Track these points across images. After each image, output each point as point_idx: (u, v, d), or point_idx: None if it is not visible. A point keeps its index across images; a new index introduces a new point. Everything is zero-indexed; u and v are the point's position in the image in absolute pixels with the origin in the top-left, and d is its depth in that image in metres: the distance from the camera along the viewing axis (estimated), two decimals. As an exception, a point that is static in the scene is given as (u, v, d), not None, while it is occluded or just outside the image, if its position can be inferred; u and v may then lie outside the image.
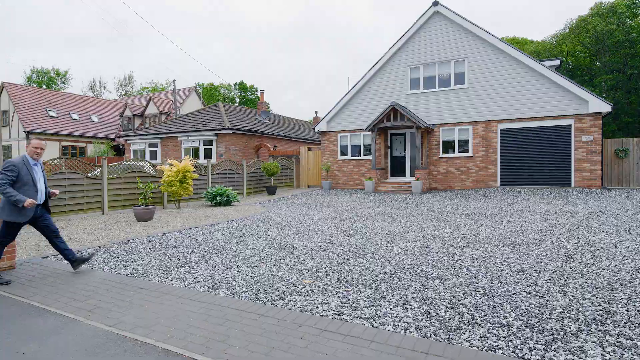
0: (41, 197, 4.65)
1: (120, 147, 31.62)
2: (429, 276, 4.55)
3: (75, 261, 4.91)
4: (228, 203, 13.01)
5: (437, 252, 5.73)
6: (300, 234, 7.35)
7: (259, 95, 26.72)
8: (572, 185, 13.99)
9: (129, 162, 12.01)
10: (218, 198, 12.82)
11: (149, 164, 12.42)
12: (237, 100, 60.22)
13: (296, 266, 5.10)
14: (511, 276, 4.49)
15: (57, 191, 5.03)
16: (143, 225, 8.71)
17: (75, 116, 31.59)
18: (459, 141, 16.04)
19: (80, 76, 78.19)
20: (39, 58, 72.68)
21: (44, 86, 48.37)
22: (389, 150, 17.85)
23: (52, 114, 30.01)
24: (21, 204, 4.27)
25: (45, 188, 4.76)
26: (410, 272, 4.72)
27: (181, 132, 20.32)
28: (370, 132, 16.93)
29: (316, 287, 4.23)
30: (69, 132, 29.74)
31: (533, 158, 14.69)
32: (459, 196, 13.73)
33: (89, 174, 10.77)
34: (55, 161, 9.97)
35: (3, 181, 4.30)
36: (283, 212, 10.89)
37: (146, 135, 21.73)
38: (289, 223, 8.81)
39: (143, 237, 7.27)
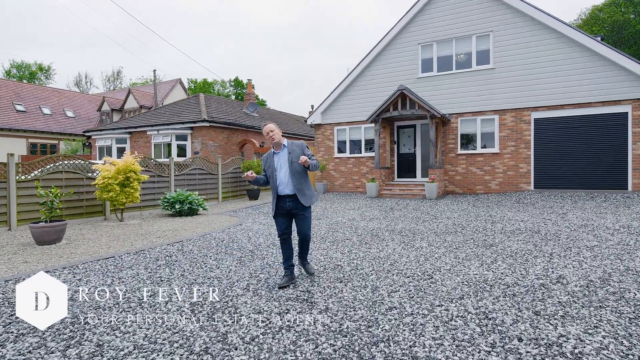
0: (281, 188, 4.04)
1: (86, 144, 28.65)
2: None
3: (304, 267, 4.39)
4: (192, 212, 10.15)
5: (518, 336, 2.83)
6: (264, 275, 4.46)
7: (252, 88, 23.68)
8: (630, 188, 11.07)
9: (59, 162, 9.13)
10: (178, 206, 9.94)
11: (82, 162, 9.49)
12: (233, 97, 57.17)
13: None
14: None
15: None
16: (35, 253, 5.81)
17: (46, 111, 28.59)
18: (482, 134, 13.10)
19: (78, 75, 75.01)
20: (38, 58, 69.58)
21: (25, 81, 45.28)
22: (396, 145, 14.91)
23: (19, 108, 27.04)
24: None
25: (292, 178, 4.01)
26: None
27: (151, 125, 17.39)
28: (373, 124, 14.00)
29: None
30: (38, 128, 26.72)
31: (577, 155, 11.76)
32: (486, 203, 10.83)
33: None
34: None
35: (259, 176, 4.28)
36: (257, 226, 8.01)
37: (113, 130, 18.79)
38: (257, 247, 5.91)
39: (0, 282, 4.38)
